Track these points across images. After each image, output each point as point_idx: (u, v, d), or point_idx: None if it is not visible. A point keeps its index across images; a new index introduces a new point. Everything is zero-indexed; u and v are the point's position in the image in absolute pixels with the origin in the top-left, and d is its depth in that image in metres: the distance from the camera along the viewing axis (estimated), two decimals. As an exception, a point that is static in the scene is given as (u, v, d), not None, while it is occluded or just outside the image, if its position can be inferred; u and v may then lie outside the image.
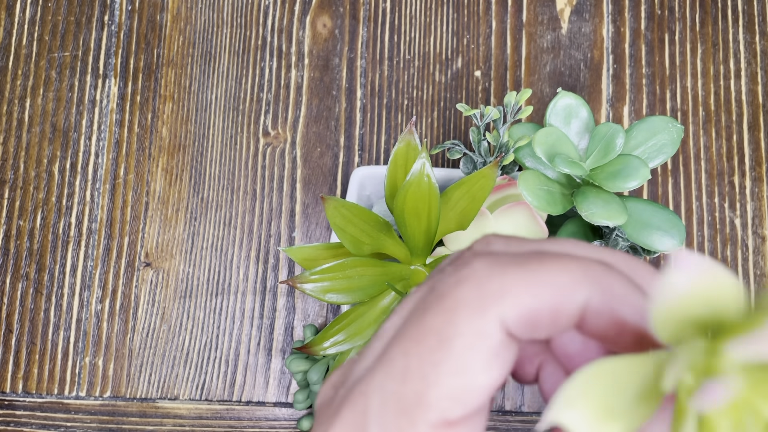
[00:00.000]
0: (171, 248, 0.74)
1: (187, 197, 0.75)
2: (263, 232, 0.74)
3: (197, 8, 0.79)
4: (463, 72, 0.77)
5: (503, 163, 0.57)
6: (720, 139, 0.75)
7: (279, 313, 0.73)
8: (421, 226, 0.51)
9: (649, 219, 0.55)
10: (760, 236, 0.73)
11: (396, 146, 0.54)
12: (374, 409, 0.25)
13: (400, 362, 0.25)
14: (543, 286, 0.24)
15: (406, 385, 0.24)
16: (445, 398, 0.24)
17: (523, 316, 0.24)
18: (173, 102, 0.77)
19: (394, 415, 0.24)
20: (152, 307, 0.73)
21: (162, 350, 0.73)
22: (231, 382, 0.72)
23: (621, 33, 0.77)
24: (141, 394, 0.72)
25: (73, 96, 0.77)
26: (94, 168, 0.76)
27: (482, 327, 0.24)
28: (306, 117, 0.76)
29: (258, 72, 0.77)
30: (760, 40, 0.76)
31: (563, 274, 0.25)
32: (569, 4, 0.78)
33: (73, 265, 0.74)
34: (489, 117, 0.57)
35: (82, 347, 0.73)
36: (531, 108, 0.57)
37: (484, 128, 0.59)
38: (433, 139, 0.75)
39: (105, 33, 0.78)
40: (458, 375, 0.24)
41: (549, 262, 0.25)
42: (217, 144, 0.76)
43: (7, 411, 0.72)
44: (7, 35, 0.79)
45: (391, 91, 0.76)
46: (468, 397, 0.24)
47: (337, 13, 0.78)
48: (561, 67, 0.77)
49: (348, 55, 0.77)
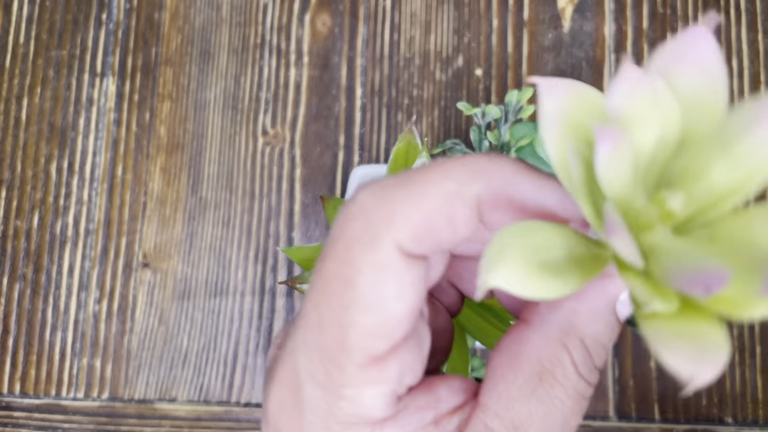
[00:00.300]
0: (169, 248, 0.74)
1: (186, 197, 0.75)
2: (262, 232, 0.74)
3: (195, 6, 0.78)
4: (464, 70, 0.76)
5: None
6: (723, 139, 0.74)
7: (278, 314, 0.73)
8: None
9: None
10: (764, 236, 0.72)
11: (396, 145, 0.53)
12: (302, 365, 0.25)
13: (314, 314, 0.25)
14: (429, 197, 0.24)
15: (325, 335, 0.24)
16: (365, 337, 0.24)
17: (418, 233, 0.24)
18: (171, 101, 0.76)
19: (322, 365, 0.24)
20: (150, 308, 0.73)
21: (160, 351, 0.72)
22: (230, 384, 0.72)
23: (623, 31, 0.77)
24: (139, 396, 0.72)
25: (70, 95, 0.77)
26: (92, 167, 0.75)
27: (378, 258, 0.24)
28: (305, 116, 0.76)
29: (257, 70, 0.77)
30: (763, 39, 0.76)
31: (447, 179, 0.24)
32: (571, 3, 0.77)
33: (71, 265, 0.74)
34: (490, 116, 0.56)
35: (79, 348, 0.72)
36: (533, 107, 0.56)
37: (485, 127, 0.58)
38: (434, 137, 0.75)
39: (103, 31, 0.78)
40: (370, 312, 0.23)
41: (431, 172, 0.24)
42: (215, 143, 0.75)
43: (5, 412, 0.72)
44: (5, 33, 0.78)
45: (391, 89, 0.76)
46: (387, 330, 0.24)
47: (337, 11, 0.78)
48: (563, 66, 0.76)
49: (348, 54, 0.77)
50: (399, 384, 0.25)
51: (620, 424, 0.70)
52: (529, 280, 0.22)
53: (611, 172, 0.21)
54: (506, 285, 0.21)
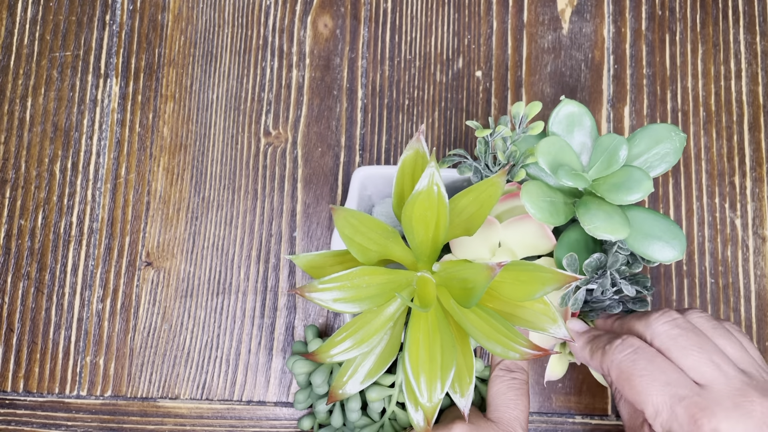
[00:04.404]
0: (172, 248, 0.74)
1: (188, 197, 0.75)
2: (264, 231, 0.74)
3: (198, 8, 0.79)
4: (464, 72, 0.77)
5: (515, 179, 0.57)
6: (720, 140, 0.75)
7: (280, 313, 0.73)
8: (429, 235, 0.51)
9: (651, 229, 0.55)
10: (761, 237, 0.73)
11: (404, 154, 0.54)
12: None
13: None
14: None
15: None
16: None
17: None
18: (174, 101, 0.77)
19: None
20: (153, 307, 0.73)
21: (163, 350, 0.73)
22: (232, 382, 0.72)
23: (622, 33, 0.77)
24: (142, 394, 0.72)
25: (74, 95, 0.77)
26: (96, 167, 0.76)
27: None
28: (307, 117, 0.76)
29: (259, 72, 0.77)
30: (761, 41, 0.77)
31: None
32: (570, 5, 0.78)
33: (74, 264, 0.74)
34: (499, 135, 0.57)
35: (83, 346, 0.73)
36: (542, 124, 0.57)
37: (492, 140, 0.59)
38: (434, 138, 0.75)
39: (106, 32, 0.78)
40: None
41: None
42: (218, 143, 0.76)
43: (9, 410, 0.72)
44: (9, 34, 0.78)
45: (392, 91, 0.76)
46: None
47: (339, 13, 0.78)
48: (562, 68, 0.77)
49: (349, 55, 0.77)
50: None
51: (618, 423, 0.71)
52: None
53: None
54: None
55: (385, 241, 0.52)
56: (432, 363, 0.50)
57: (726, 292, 0.72)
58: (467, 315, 0.52)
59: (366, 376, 0.55)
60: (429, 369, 0.50)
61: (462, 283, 0.49)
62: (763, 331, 0.71)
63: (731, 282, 0.72)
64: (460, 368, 0.53)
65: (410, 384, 0.51)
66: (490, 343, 0.52)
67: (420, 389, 0.50)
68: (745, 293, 0.72)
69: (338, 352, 0.52)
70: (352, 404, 0.64)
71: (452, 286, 0.51)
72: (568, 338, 0.52)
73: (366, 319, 0.53)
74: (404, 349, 0.51)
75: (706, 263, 0.73)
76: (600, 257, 0.54)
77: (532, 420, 0.71)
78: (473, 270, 0.48)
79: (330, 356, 0.53)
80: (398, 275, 0.52)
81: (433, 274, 0.53)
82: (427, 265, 0.53)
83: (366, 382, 0.55)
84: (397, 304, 0.53)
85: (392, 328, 0.55)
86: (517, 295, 0.51)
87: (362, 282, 0.50)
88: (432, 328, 0.51)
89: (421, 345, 0.51)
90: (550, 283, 0.50)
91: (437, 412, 0.52)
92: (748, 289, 0.72)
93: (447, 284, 0.52)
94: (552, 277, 0.50)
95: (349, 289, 0.50)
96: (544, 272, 0.50)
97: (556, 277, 0.50)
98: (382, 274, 0.51)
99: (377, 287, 0.51)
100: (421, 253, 0.53)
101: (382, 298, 0.51)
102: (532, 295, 0.50)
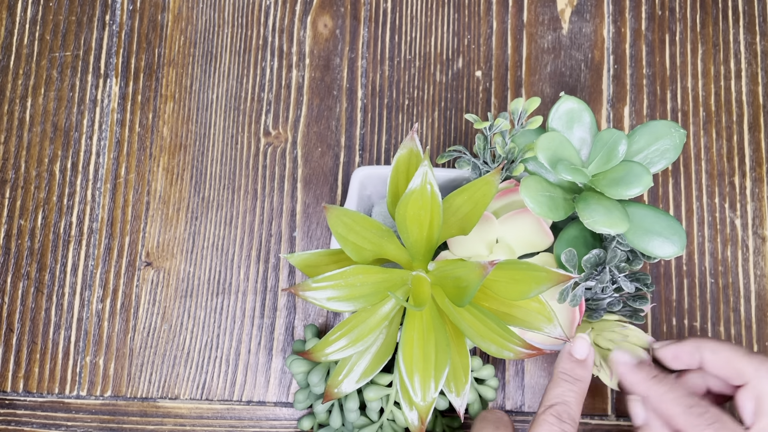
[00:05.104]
0: (172, 248, 0.75)
1: (188, 197, 0.75)
2: (264, 231, 0.74)
3: (198, 8, 0.79)
4: (464, 72, 0.77)
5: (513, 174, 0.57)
6: (720, 140, 0.75)
7: (280, 313, 0.73)
8: (423, 234, 0.51)
9: (651, 225, 0.55)
10: (761, 237, 0.73)
11: (398, 153, 0.54)
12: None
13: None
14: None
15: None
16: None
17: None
18: (174, 102, 0.77)
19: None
20: (153, 307, 0.74)
21: (163, 350, 0.73)
22: (232, 382, 0.72)
23: (622, 33, 0.77)
24: (142, 394, 0.72)
25: (74, 95, 0.77)
26: (95, 167, 0.76)
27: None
28: (307, 117, 0.76)
29: (259, 72, 0.77)
30: (761, 41, 0.76)
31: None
32: (570, 5, 0.78)
33: (74, 264, 0.74)
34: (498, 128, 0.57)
35: (82, 347, 0.73)
36: (540, 118, 0.57)
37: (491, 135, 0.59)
38: (434, 138, 0.75)
39: (106, 32, 0.78)
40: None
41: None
42: (218, 143, 0.76)
43: (8, 410, 0.72)
44: (9, 34, 0.79)
45: (392, 91, 0.76)
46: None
47: (338, 13, 0.78)
48: (562, 68, 0.77)
49: (349, 55, 0.77)
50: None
51: (618, 423, 0.71)
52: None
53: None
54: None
55: (380, 240, 0.52)
56: (426, 362, 0.50)
57: (726, 292, 0.72)
58: (462, 314, 0.52)
59: (362, 375, 0.55)
60: (423, 368, 0.50)
61: (455, 281, 0.49)
62: (763, 331, 0.71)
63: (731, 282, 0.72)
64: (455, 368, 0.53)
65: (404, 383, 0.51)
66: (485, 343, 0.52)
67: (414, 388, 0.50)
68: (745, 293, 0.72)
69: (333, 350, 0.53)
70: (350, 404, 0.64)
71: (446, 284, 0.51)
72: (563, 337, 0.52)
73: (361, 317, 0.53)
74: (398, 348, 0.51)
75: (705, 263, 0.72)
76: (599, 253, 0.54)
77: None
78: (466, 269, 0.48)
79: (325, 355, 0.53)
80: (393, 274, 0.52)
81: (428, 273, 0.53)
82: (422, 264, 0.53)
83: (362, 381, 0.55)
84: (392, 303, 0.53)
85: (388, 327, 0.55)
86: (511, 294, 0.51)
87: (356, 281, 0.50)
88: (426, 328, 0.51)
89: (416, 344, 0.51)
90: (544, 282, 0.50)
91: (431, 411, 0.52)
92: (747, 289, 0.72)
93: (441, 283, 0.52)
94: (546, 276, 0.50)
95: (343, 287, 0.50)
96: (539, 271, 0.50)
97: (551, 276, 0.50)
98: (377, 273, 0.51)
99: (371, 286, 0.51)
100: (415, 252, 0.53)
101: (376, 297, 0.51)
102: (526, 294, 0.50)
